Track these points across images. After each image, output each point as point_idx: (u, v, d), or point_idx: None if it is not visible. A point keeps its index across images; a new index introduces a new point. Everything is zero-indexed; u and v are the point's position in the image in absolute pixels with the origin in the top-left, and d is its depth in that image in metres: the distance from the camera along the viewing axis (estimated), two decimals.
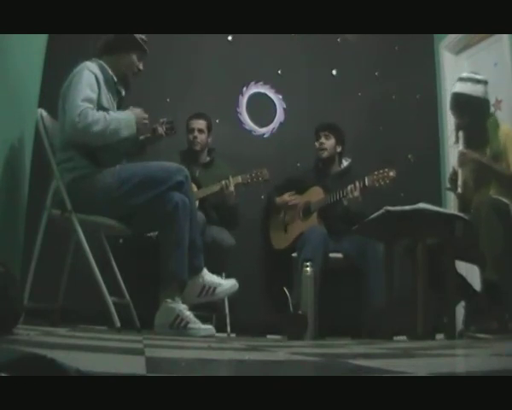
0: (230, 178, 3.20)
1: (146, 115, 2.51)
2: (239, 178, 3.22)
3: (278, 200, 3.46)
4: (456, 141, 2.81)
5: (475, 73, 2.78)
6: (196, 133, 3.32)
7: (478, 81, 2.71)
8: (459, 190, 2.75)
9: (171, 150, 3.22)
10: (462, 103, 2.72)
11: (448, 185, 2.92)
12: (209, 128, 3.37)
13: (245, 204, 3.37)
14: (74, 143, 2.35)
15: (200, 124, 3.34)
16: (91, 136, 2.30)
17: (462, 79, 2.76)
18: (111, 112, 2.40)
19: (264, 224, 3.56)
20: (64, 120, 2.36)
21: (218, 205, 3.23)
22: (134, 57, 2.55)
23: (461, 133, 2.76)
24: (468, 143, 2.71)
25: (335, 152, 3.41)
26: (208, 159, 3.40)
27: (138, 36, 2.52)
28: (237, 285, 2.47)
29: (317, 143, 3.41)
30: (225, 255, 3.05)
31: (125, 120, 2.42)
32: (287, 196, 3.43)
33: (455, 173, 2.80)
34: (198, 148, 3.34)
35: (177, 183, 2.38)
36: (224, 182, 3.18)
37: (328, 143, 3.39)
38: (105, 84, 2.46)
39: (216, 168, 3.35)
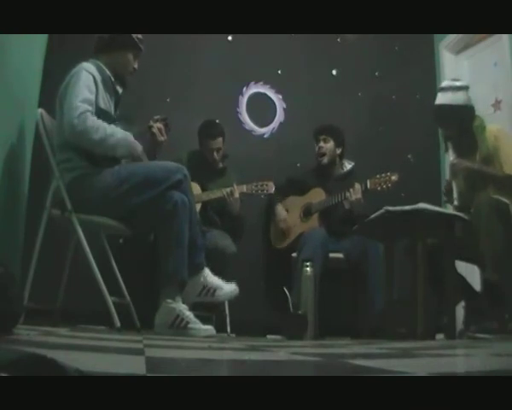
0: (235, 186, 3.20)
1: (141, 151, 2.49)
2: (243, 188, 3.22)
3: (278, 211, 3.42)
4: (446, 150, 2.81)
5: (455, 80, 2.76)
6: (215, 155, 3.31)
7: (458, 88, 2.68)
8: (455, 202, 2.75)
9: (175, 150, 3.20)
10: (445, 115, 2.69)
11: (444, 198, 2.92)
12: (224, 140, 3.35)
13: (245, 204, 3.37)
14: (72, 144, 2.35)
15: (218, 143, 3.31)
16: (89, 142, 2.31)
17: (442, 90, 2.74)
18: (112, 126, 2.39)
19: (265, 223, 3.56)
20: (62, 121, 2.36)
21: (223, 212, 3.24)
22: (130, 56, 2.56)
23: (449, 143, 2.76)
24: (458, 152, 2.71)
25: (335, 154, 3.40)
26: (221, 165, 3.39)
27: (134, 35, 2.52)
28: (237, 290, 2.46)
29: (316, 148, 3.40)
30: (227, 263, 3.03)
31: (124, 141, 2.40)
32: (285, 214, 3.40)
33: (449, 185, 2.81)
34: (218, 166, 3.35)
35: (177, 181, 2.38)
36: (229, 189, 3.17)
37: (327, 146, 3.37)
38: (102, 84, 2.46)
39: (228, 178, 3.33)
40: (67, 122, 2.30)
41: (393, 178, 2.99)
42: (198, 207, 2.96)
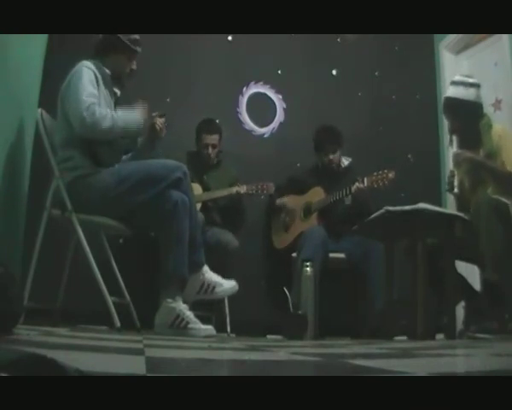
0: (239, 185, 3.23)
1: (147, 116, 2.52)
2: (244, 188, 3.23)
3: (278, 201, 3.45)
4: (451, 144, 2.83)
5: (468, 77, 2.78)
6: (210, 150, 3.32)
7: (470, 85, 2.70)
8: (455, 190, 2.76)
9: (175, 150, 3.20)
10: (454, 108, 2.72)
11: (447, 187, 2.93)
12: (220, 138, 3.38)
13: (245, 204, 3.37)
14: (81, 138, 2.35)
15: (214, 139, 3.33)
16: (100, 132, 2.32)
17: (454, 83, 2.76)
18: (118, 111, 2.43)
19: (266, 223, 3.57)
20: (65, 118, 2.36)
21: (227, 208, 3.26)
22: (123, 58, 2.55)
23: (454, 137, 2.78)
24: (462, 146, 2.73)
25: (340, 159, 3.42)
26: (216, 161, 3.41)
27: (125, 37, 2.50)
28: (237, 287, 2.46)
29: (325, 158, 3.35)
30: (230, 258, 3.05)
31: (131, 118, 2.45)
32: (286, 199, 3.43)
33: (452, 175, 2.82)
34: (211, 162, 3.36)
35: (176, 180, 2.38)
36: (236, 189, 3.21)
37: (336, 155, 3.38)
38: (103, 81, 2.46)
39: (223, 171, 3.38)
40: (77, 117, 2.30)
41: (390, 175, 2.98)
42: (198, 206, 2.97)
